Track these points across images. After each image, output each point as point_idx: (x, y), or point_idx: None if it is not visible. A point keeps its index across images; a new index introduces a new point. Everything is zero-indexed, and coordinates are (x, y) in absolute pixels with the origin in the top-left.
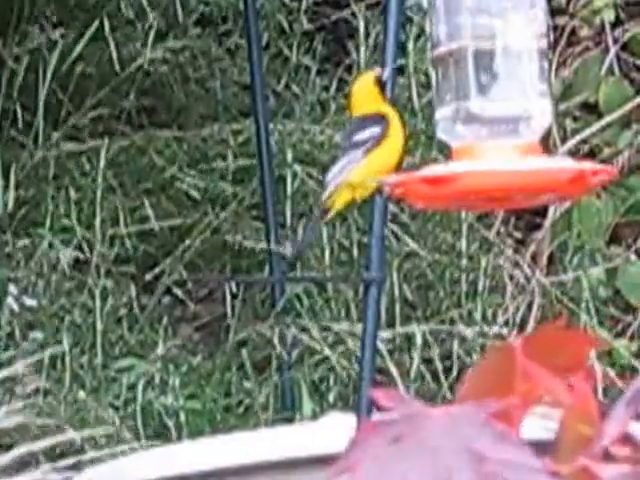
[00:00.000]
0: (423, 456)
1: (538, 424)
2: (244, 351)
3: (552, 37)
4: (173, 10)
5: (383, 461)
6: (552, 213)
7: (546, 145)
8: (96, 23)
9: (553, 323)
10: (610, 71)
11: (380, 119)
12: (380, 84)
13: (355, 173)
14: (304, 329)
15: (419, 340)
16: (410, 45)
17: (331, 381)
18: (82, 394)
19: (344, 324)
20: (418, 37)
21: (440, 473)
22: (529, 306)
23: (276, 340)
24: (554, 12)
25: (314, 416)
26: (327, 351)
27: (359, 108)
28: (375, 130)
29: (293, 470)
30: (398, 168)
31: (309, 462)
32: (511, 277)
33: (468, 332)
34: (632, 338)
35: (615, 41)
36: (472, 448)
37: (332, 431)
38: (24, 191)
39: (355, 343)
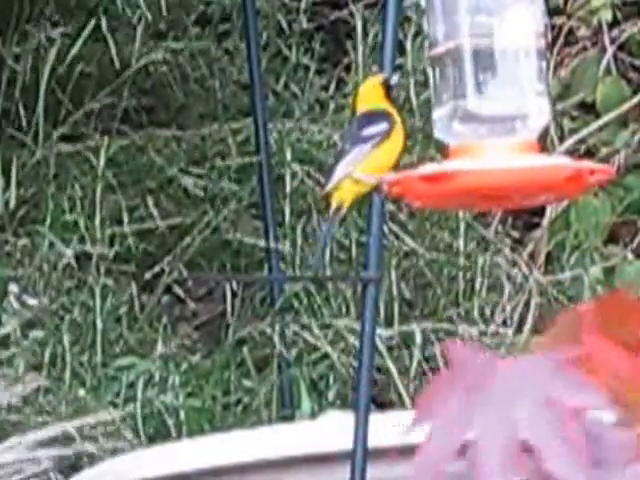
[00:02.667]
0: (497, 405)
1: None
2: (243, 349)
3: (550, 37)
4: (173, 10)
5: (457, 411)
6: (550, 212)
7: (544, 144)
8: (96, 23)
9: (622, 291)
10: (607, 71)
11: (386, 115)
12: (386, 86)
13: (363, 166)
14: (303, 327)
15: (418, 338)
16: (408, 44)
17: (330, 379)
18: (82, 392)
19: (343, 322)
20: (416, 36)
21: (515, 422)
22: (527, 305)
23: (275, 338)
24: (552, 12)
25: (313, 414)
26: (327, 348)
27: (364, 105)
28: (382, 125)
29: (292, 468)
30: (396, 167)
31: (307, 460)
32: (509, 276)
33: (467, 330)
34: None
35: (612, 41)
36: (546, 395)
37: (331, 430)
38: (24, 190)
39: (354, 341)
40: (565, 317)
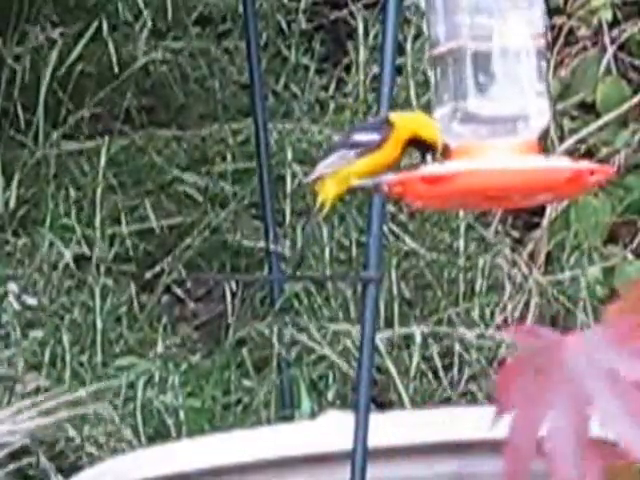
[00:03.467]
0: (564, 385)
1: None
2: (243, 350)
3: (550, 37)
4: (172, 10)
5: (531, 396)
6: (550, 212)
7: (544, 145)
8: (96, 23)
9: None
10: (608, 71)
11: (383, 127)
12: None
13: (341, 172)
14: (303, 328)
15: (418, 339)
16: (408, 45)
17: (330, 379)
18: (82, 392)
19: (343, 323)
20: (416, 37)
21: (581, 400)
22: (527, 305)
23: (275, 339)
24: (552, 12)
25: (313, 414)
26: (326, 350)
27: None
28: (373, 136)
29: (292, 468)
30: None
31: (307, 460)
32: (509, 276)
33: (467, 333)
34: None
35: (613, 41)
36: (609, 369)
37: (330, 430)
38: (24, 190)
39: (354, 341)
40: (634, 290)
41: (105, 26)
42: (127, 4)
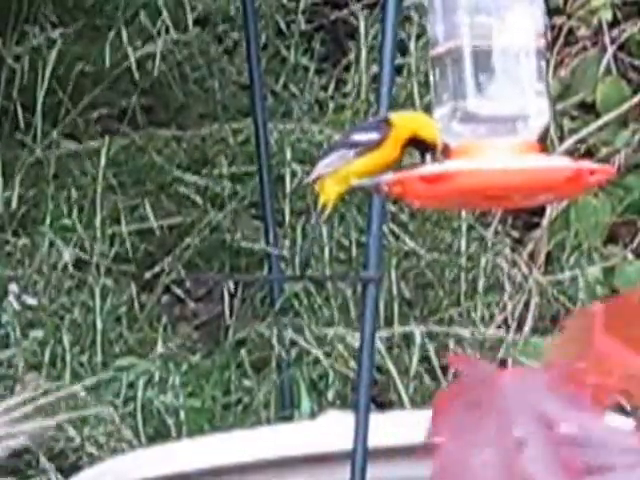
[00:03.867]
0: (497, 423)
1: None
2: (243, 350)
3: (550, 37)
4: (173, 10)
5: (463, 429)
6: (549, 212)
7: (544, 144)
8: (95, 23)
9: (628, 293)
10: (608, 71)
11: (382, 126)
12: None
13: (341, 172)
14: (302, 328)
15: (418, 338)
16: (411, 45)
17: (330, 379)
18: (82, 392)
19: (343, 322)
20: (419, 37)
21: (510, 441)
22: (527, 305)
23: (274, 339)
24: (552, 12)
25: (313, 414)
26: (325, 350)
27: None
28: (372, 135)
29: (292, 468)
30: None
31: (307, 460)
32: (509, 276)
33: (465, 331)
34: None
35: (612, 41)
36: (542, 413)
37: (330, 430)
38: (24, 190)
39: (354, 341)
40: (577, 319)
41: (104, 26)
42: (126, 4)
